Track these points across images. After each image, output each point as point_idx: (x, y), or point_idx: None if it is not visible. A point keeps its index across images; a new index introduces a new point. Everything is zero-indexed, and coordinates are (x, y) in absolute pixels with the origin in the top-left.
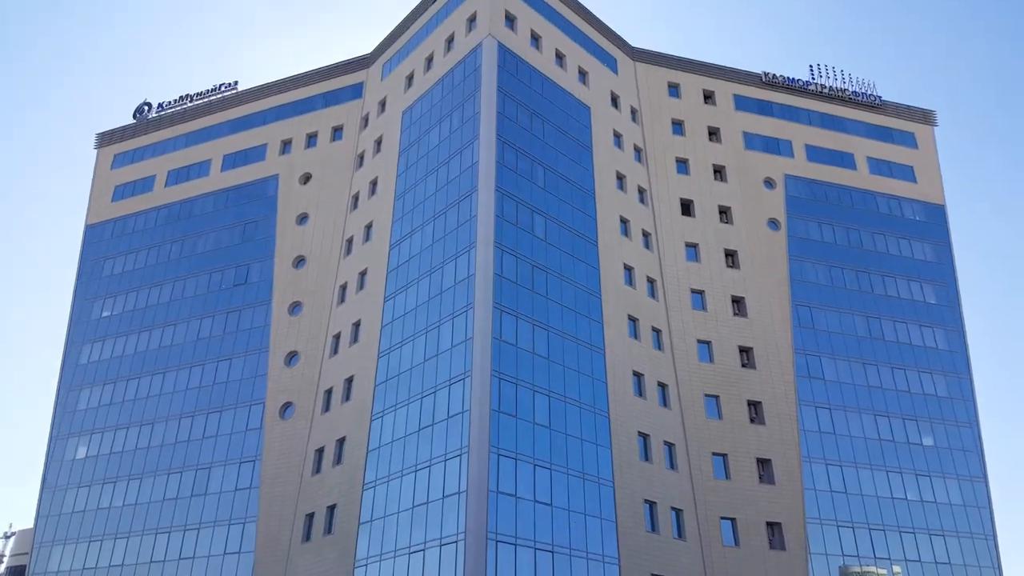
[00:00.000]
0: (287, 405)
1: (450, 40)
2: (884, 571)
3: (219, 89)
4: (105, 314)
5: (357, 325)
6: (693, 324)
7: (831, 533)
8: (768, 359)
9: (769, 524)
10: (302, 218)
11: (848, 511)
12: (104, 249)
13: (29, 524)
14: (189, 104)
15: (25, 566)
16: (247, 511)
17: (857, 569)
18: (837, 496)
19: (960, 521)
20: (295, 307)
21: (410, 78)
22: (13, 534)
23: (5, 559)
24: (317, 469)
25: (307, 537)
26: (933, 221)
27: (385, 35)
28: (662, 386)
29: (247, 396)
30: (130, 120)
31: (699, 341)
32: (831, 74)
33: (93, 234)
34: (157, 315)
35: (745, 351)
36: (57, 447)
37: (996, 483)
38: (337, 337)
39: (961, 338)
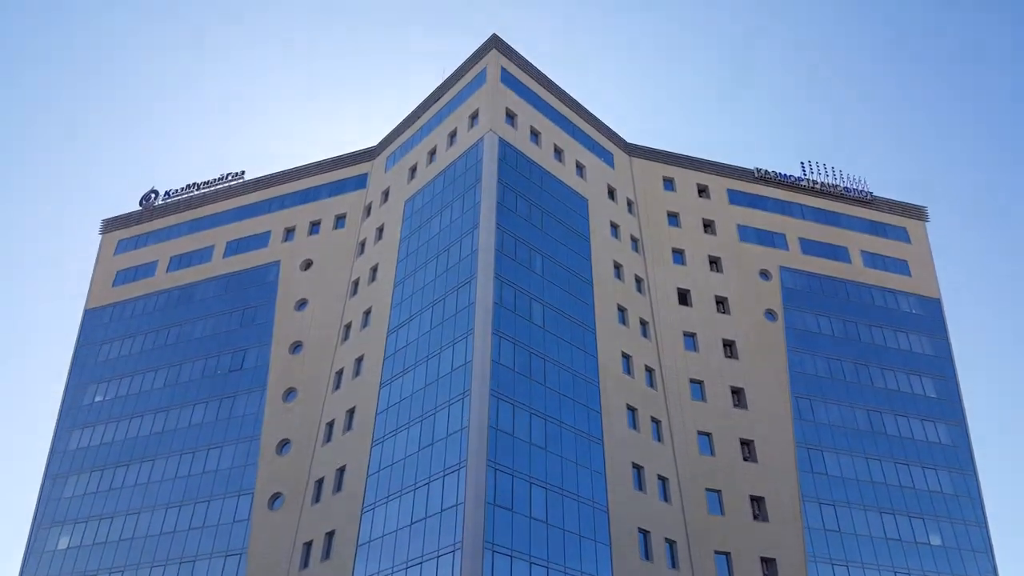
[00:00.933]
0: (276, 495)
1: (453, 135)
2: None
3: (226, 178)
4: (98, 399)
5: (351, 412)
6: (693, 415)
7: None
8: (770, 452)
9: None
10: (301, 304)
11: None
12: (101, 333)
13: None
14: (196, 192)
15: None
16: None
17: None
18: None
19: None
20: (289, 393)
21: (413, 169)
22: None
23: None
24: (305, 564)
25: None
26: (929, 314)
27: (390, 129)
28: (662, 479)
29: (236, 485)
30: (136, 207)
31: (699, 433)
32: (822, 170)
33: (91, 318)
34: (150, 401)
35: (746, 444)
36: (39, 537)
37: None
38: (331, 425)
39: (964, 432)
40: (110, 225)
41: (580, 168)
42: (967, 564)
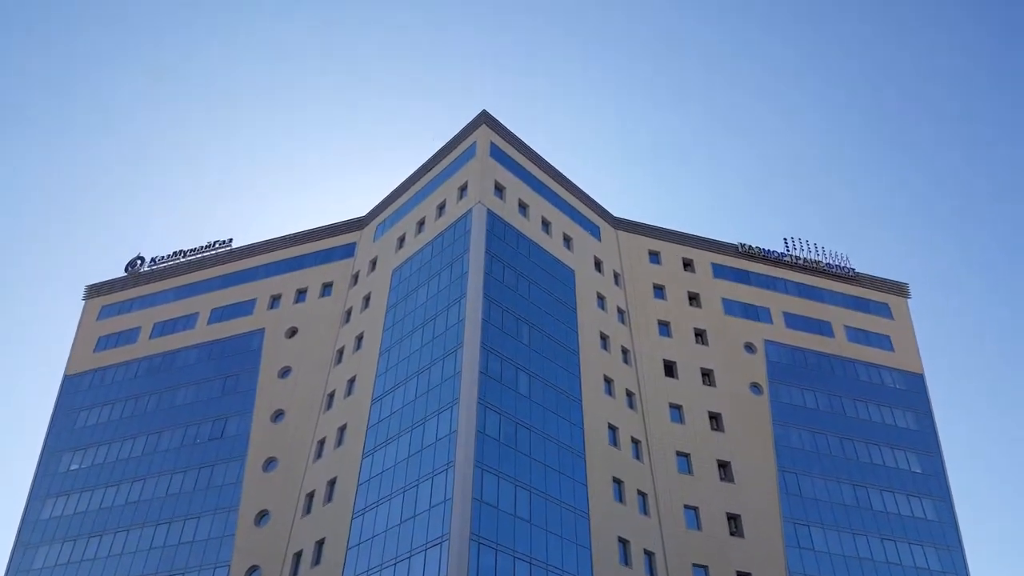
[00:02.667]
0: (253, 568)
1: (442, 206)
2: None
3: (213, 245)
4: (73, 467)
5: (332, 483)
6: (680, 488)
7: None
8: (756, 527)
9: None
10: (285, 371)
11: None
12: (80, 400)
13: None
14: (182, 259)
15: None
16: None
17: None
18: None
19: None
20: (270, 463)
21: (401, 239)
22: None
23: None
24: None
25: None
26: (913, 390)
27: (379, 199)
28: (649, 554)
29: (212, 558)
30: (121, 273)
31: (686, 507)
32: (805, 247)
33: (71, 385)
34: (127, 469)
35: (733, 518)
36: None
37: None
38: (311, 496)
39: (949, 508)
40: (94, 291)
41: (567, 240)
42: None
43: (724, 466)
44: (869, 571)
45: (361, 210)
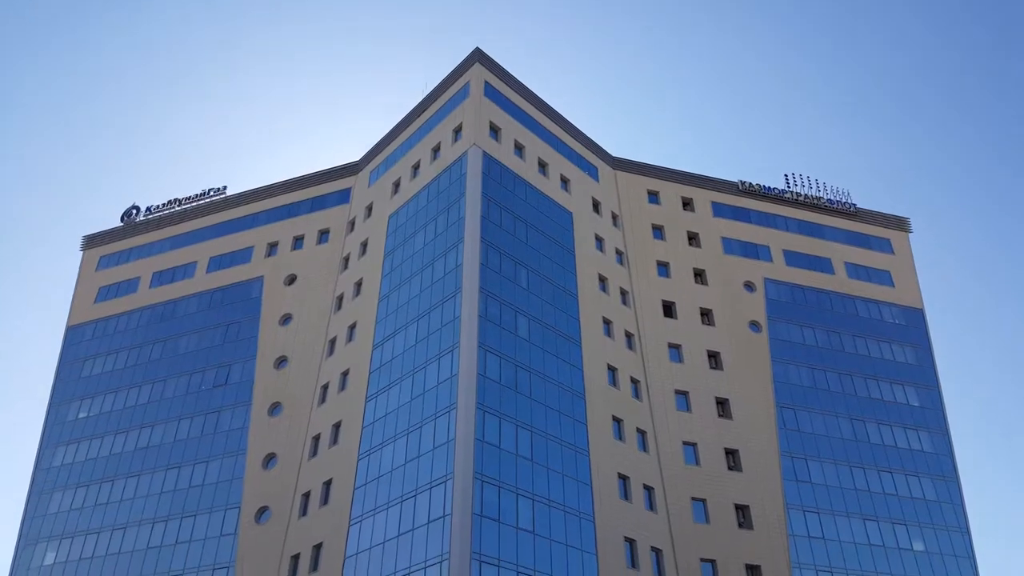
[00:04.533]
0: (263, 509)
1: (436, 149)
2: None
3: (208, 194)
4: (81, 415)
5: (337, 426)
6: (678, 425)
7: None
8: (754, 462)
9: None
10: (285, 319)
11: None
12: (84, 350)
13: None
14: (177, 208)
15: None
16: None
17: None
18: None
19: None
20: (275, 408)
21: (397, 184)
22: None
23: None
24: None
25: None
26: (912, 325)
27: (373, 144)
28: (648, 489)
29: (223, 500)
30: (117, 223)
31: (684, 443)
32: (806, 183)
33: (74, 335)
34: (135, 416)
35: (731, 453)
36: (24, 553)
37: None
38: (316, 439)
39: (946, 440)
40: (91, 241)
41: (565, 182)
42: (950, 570)
43: (722, 403)
44: (866, 502)
45: (355, 156)
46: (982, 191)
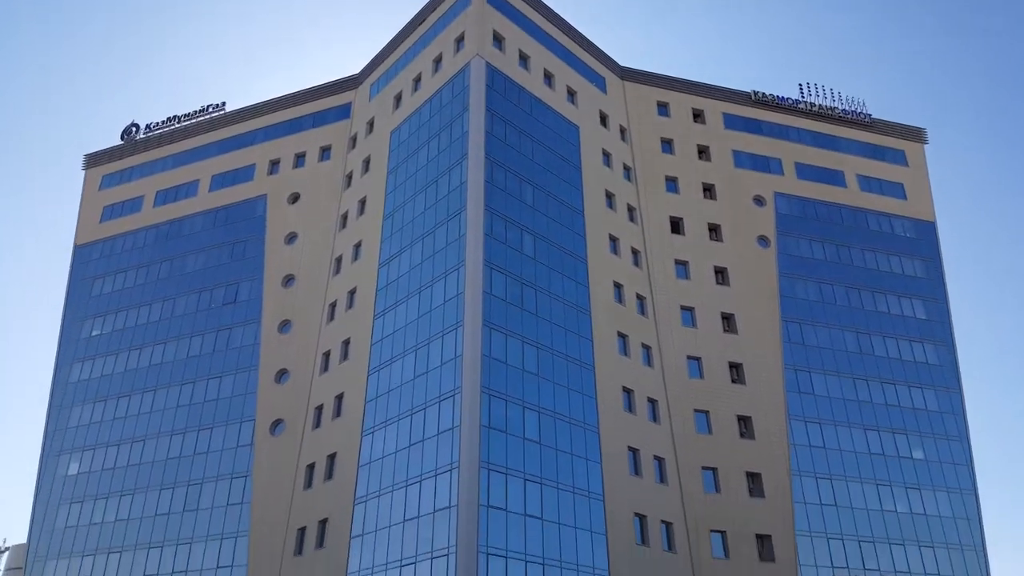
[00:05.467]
0: (277, 422)
1: (438, 60)
2: None
3: (207, 110)
4: (95, 333)
5: (347, 343)
6: (683, 341)
7: (821, 545)
8: (758, 375)
9: (759, 536)
10: (291, 238)
11: (838, 523)
12: (93, 269)
13: (23, 539)
14: (177, 125)
15: None
16: (239, 526)
17: None
18: (827, 509)
19: (950, 533)
20: (284, 325)
21: (398, 98)
22: (7, 549)
23: (1, 573)
24: (308, 484)
25: (299, 551)
26: (923, 238)
27: (373, 55)
28: (652, 402)
29: (237, 413)
30: (118, 141)
31: (689, 357)
32: (821, 92)
33: (82, 254)
34: (147, 334)
35: (735, 367)
36: (49, 464)
37: (986, 495)
38: (327, 355)
39: (951, 352)
40: (93, 160)
41: (571, 94)
42: (947, 476)
43: (728, 318)
44: (868, 413)
45: (356, 68)
46: (999, 103)
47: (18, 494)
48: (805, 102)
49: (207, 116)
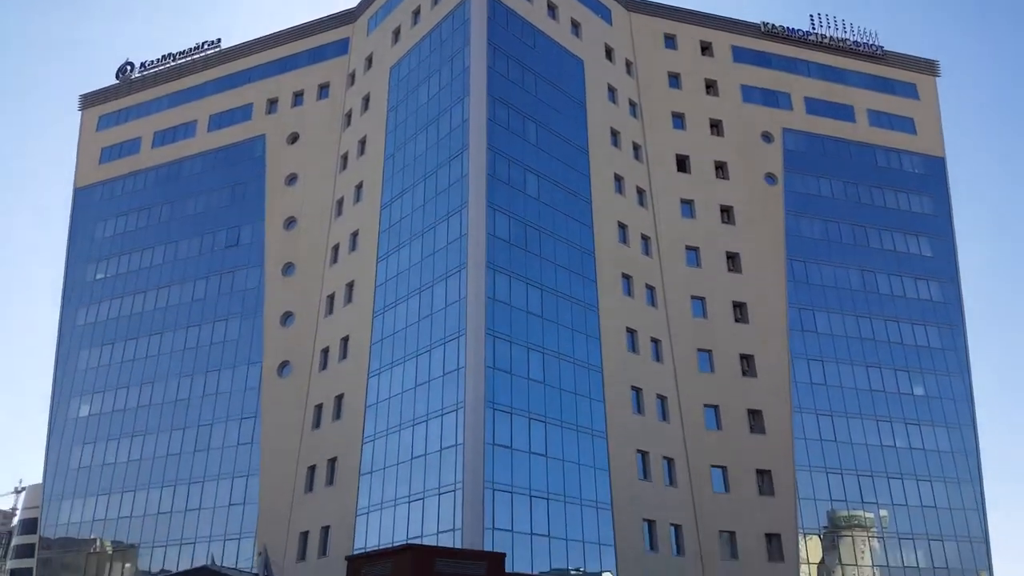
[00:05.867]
0: (284, 364)
1: None
2: (871, 515)
3: (202, 47)
4: (99, 276)
5: (351, 286)
6: (687, 281)
7: (820, 480)
8: (761, 314)
9: (759, 471)
10: (291, 179)
11: (837, 458)
12: (94, 212)
13: (38, 479)
14: (172, 63)
15: (37, 519)
16: (249, 465)
17: (845, 513)
18: (827, 444)
19: (947, 467)
20: (288, 268)
21: (397, 33)
22: (23, 489)
23: (18, 512)
24: (317, 424)
25: (309, 488)
26: (932, 174)
27: None
28: (655, 342)
29: (244, 356)
30: (113, 81)
31: (693, 297)
32: (832, 24)
33: (83, 197)
34: (151, 277)
35: (739, 306)
36: (60, 406)
37: (983, 430)
38: (331, 298)
39: (956, 289)
40: (89, 100)
41: (575, 26)
42: (947, 412)
43: (732, 257)
44: (870, 350)
45: (352, 3)
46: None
47: (32, 436)
48: (816, 34)
49: (202, 53)
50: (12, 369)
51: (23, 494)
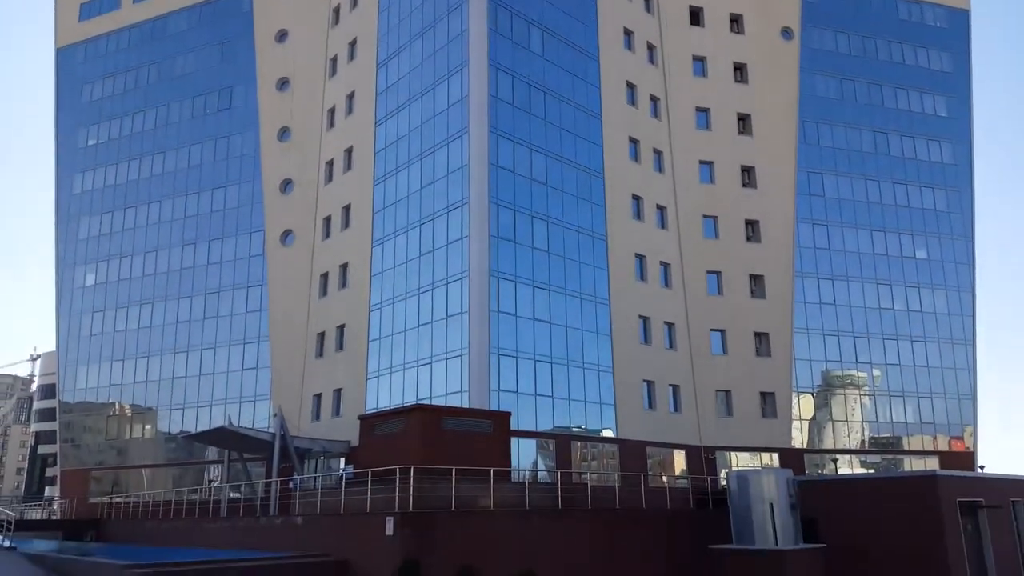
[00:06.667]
0: (287, 232)
1: None
2: (864, 374)
3: None
4: (91, 142)
5: (349, 152)
6: (695, 144)
7: (817, 341)
8: (770, 178)
9: (757, 334)
10: (281, 35)
11: (835, 321)
12: (80, 74)
13: (52, 347)
14: None
15: (55, 384)
16: (259, 331)
17: (839, 373)
18: (826, 308)
19: (943, 328)
20: (284, 132)
21: None
22: (39, 357)
23: (36, 378)
24: (324, 292)
25: (320, 354)
26: (955, 28)
27: None
28: (660, 208)
29: (246, 224)
30: None
31: (701, 162)
32: None
33: (66, 57)
34: (144, 143)
35: (747, 170)
36: (65, 275)
37: (981, 291)
38: (330, 164)
39: (967, 151)
40: None
41: None
42: (948, 275)
43: (743, 119)
44: (876, 214)
45: None
46: None
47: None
48: None
49: None
50: (13, 238)
51: (39, 361)
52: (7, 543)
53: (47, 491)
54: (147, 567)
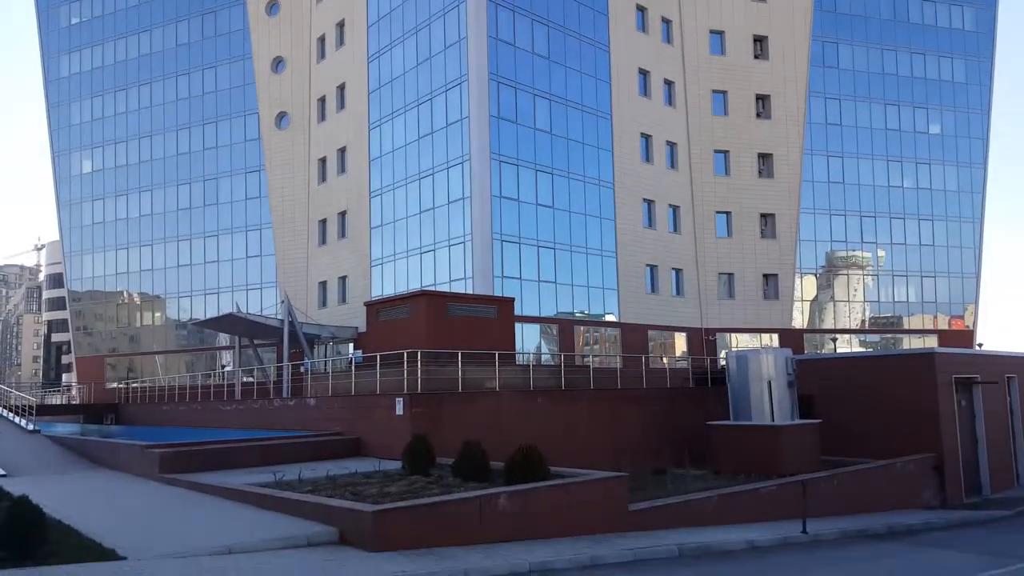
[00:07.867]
0: (282, 115)
1: None
2: (868, 254)
3: None
4: (75, 21)
5: (341, 25)
6: (707, 12)
7: (822, 222)
8: (783, 47)
9: (763, 215)
10: None
11: (843, 200)
12: None
13: (55, 236)
14: None
15: (62, 274)
16: (261, 218)
17: (843, 253)
18: (834, 187)
19: (951, 206)
20: (272, 7)
21: None
22: (43, 246)
23: (43, 268)
24: (323, 178)
25: (323, 241)
26: None
27: None
28: (668, 84)
29: (239, 106)
30: None
31: (711, 31)
32: None
33: None
34: (129, 19)
35: (759, 40)
36: (61, 163)
37: (993, 168)
38: (322, 40)
39: (991, 16)
40: None
41: None
42: (960, 150)
43: None
44: (891, 87)
45: None
46: None
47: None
48: None
49: None
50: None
51: (44, 251)
52: (31, 427)
53: (64, 377)
54: (169, 447)
